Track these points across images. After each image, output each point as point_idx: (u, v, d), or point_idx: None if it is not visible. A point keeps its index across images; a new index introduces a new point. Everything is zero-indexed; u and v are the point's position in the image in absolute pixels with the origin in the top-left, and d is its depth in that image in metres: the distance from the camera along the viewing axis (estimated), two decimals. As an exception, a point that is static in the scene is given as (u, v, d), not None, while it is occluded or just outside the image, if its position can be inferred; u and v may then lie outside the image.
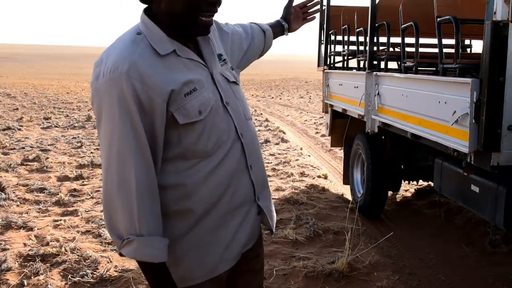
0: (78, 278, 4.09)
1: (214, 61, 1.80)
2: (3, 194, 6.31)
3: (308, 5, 2.44)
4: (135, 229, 1.56)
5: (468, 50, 6.93)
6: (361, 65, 6.34)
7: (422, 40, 4.99)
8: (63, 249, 4.54)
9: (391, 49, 5.83)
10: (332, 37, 7.32)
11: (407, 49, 5.03)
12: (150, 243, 1.58)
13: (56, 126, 13.33)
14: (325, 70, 7.37)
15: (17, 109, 17.56)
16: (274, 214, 1.98)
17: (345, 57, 6.92)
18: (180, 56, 1.66)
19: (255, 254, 1.95)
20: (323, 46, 7.65)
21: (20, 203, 6.16)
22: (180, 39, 1.68)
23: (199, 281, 1.74)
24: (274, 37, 2.37)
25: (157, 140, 1.60)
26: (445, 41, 4.36)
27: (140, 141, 1.56)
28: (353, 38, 6.52)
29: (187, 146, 1.65)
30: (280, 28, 2.37)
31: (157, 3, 1.65)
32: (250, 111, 1.95)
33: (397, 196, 6.77)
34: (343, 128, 6.80)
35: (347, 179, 6.65)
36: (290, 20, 2.38)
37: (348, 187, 6.65)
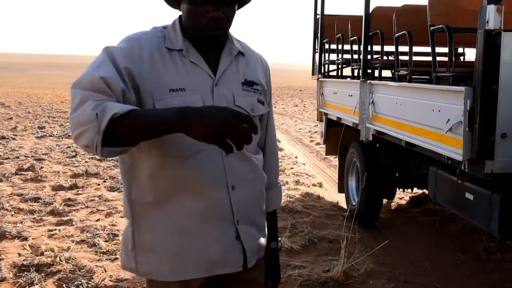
0: (73, 288, 4.08)
1: (230, 78, 1.80)
2: (-3, 203, 6.29)
3: None
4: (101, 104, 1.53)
5: (462, 58, 6.97)
6: (355, 74, 6.37)
7: (415, 49, 5.02)
8: (57, 259, 4.53)
9: (385, 57, 5.86)
10: (326, 46, 7.35)
11: (401, 57, 5.05)
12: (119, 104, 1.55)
13: (51, 135, 13.29)
14: (320, 79, 7.39)
15: (11, 118, 17.50)
16: (261, 244, 1.92)
17: (339, 66, 6.95)
18: (184, 57, 1.73)
19: (243, 277, 1.86)
20: (317, 55, 7.69)
21: (14, 212, 6.13)
22: (200, 46, 1.76)
23: (160, 279, 1.77)
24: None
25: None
26: (438, 50, 4.39)
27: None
28: (347, 47, 6.56)
29: (162, 140, 1.61)
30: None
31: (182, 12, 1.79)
32: (252, 146, 1.85)
33: (392, 204, 6.78)
34: (337, 136, 6.82)
35: (342, 187, 6.66)
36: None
37: (343, 195, 6.66)
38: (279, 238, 2.12)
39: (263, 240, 1.93)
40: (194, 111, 1.45)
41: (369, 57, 5.64)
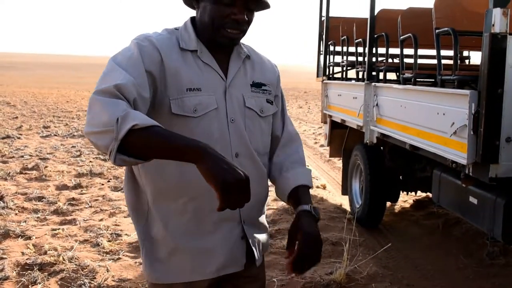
0: (75, 288, 4.08)
1: (240, 80, 1.83)
2: (1, 202, 6.30)
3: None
4: (124, 110, 1.47)
5: (467, 61, 6.96)
6: (360, 76, 6.37)
7: (420, 52, 5.01)
8: (61, 258, 4.53)
9: (390, 60, 5.85)
10: (331, 48, 7.35)
11: (406, 60, 5.05)
12: (141, 114, 1.49)
13: (56, 135, 13.33)
14: (324, 81, 7.39)
15: (16, 117, 17.56)
16: (263, 242, 1.95)
17: (344, 68, 6.94)
18: (199, 58, 1.75)
19: (248, 274, 1.90)
20: (322, 57, 7.68)
21: (18, 211, 6.15)
22: (211, 47, 1.78)
23: (165, 281, 1.79)
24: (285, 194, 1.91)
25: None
26: (443, 52, 4.38)
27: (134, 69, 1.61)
28: (352, 49, 6.55)
29: None
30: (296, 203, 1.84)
31: (197, 12, 1.80)
32: (263, 147, 1.90)
33: (396, 207, 6.77)
34: (341, 138, 6.81)
35: (345, 189, 6.65)
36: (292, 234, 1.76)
37: (346, 197, 6.65)
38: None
39: (265, 240, 1.97)
40: (216, 153, 1.42)
41: (374, 59, 5.63)
